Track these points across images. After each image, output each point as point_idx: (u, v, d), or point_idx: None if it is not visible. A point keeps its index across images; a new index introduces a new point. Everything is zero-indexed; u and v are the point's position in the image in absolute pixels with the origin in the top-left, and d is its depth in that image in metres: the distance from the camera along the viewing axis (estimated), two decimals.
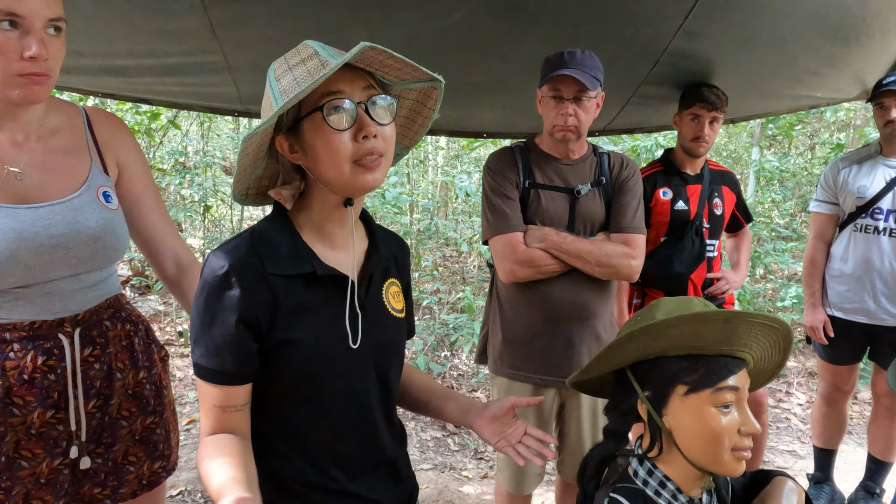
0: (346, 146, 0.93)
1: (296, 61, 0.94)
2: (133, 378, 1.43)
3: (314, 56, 0.92)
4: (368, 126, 0.93)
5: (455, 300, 5.77)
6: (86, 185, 1.32)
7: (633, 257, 1.88)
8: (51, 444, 1.30)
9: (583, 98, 1.84)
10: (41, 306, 1.28)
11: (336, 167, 0.94)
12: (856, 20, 2.02)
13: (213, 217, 7.34)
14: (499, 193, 1.91)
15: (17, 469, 1.27)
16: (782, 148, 9.69)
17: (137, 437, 1.44)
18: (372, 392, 1.07)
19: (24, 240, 1.21)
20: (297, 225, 1.03)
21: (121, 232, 1.37)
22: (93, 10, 1.76)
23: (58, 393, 1.29)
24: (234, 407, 0.97)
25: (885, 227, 2.51)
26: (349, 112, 0.92)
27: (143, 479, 1.46)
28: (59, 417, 1.30)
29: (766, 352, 1.09)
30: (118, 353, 1.40)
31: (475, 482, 3.16)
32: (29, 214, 1.23)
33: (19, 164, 1.25)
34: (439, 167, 8.81)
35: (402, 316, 1.15)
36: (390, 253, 1.15)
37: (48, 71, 1.18)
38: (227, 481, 0.85)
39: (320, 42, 0.96)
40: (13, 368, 1.25)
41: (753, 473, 1.21)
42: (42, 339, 1.28)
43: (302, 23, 1.90)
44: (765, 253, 6.25)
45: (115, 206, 1.37)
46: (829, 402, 2.79)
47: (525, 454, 1.16)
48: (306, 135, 0.95)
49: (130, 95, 2.60)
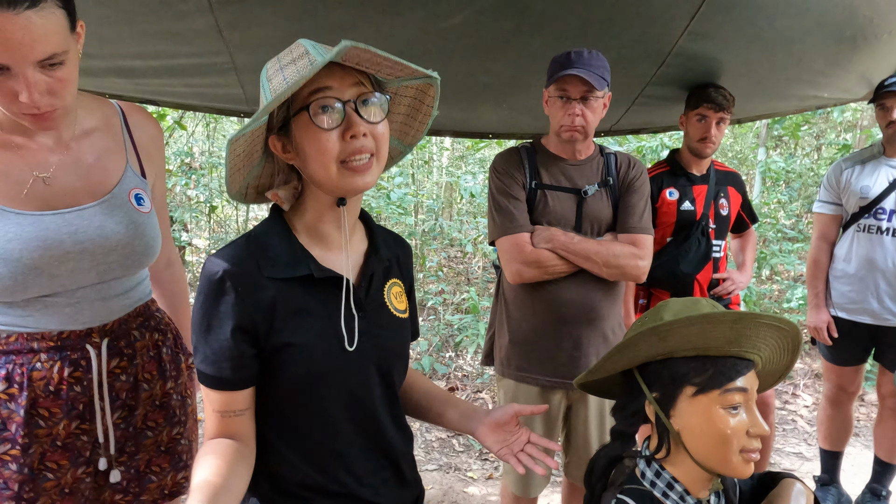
0: (334, 145, 0.92)
1: (287, 61, 0.93)
2: (161, 389, 1.41)
3: (304, 55, 0.91)
4: (357, 125, 0.92)
5: (460, 301, 5.77)
6: (118, 187, 1.29)
7: (641, 258, 1.88)
8: (75, 455, 1.29)
9: (590, 98, 1.83)
10: (69, 316, 1.26)
11: (323, 167, 0.93)
12: (863, 20, 2.02)
13: (218, 217, 7.37)
14: (505, 194, 1.91)
15: (42, 480, 1.25)
16: (788, 148, 9.65)
17: (163, 447, 1.42)
18: (375, 394, 1.06)
19: (47, 248, 1.18)
20: (294, 228, 1.03)
21: (152, 236, 1.33)
22: (101, 13, 1.77)
23: (83, 405, 1.28)
24: (233, 412, 0.97)
25: (889, 227, 2.51)
26: (337, 111, 0.91)
27: (166, 489, 1.44)
28: (83, 428, 1.29)
29: (775, 353, 1.08)
30: (145, 363, 1.38)
31: (480, 483, 3.16)
32: (55, 221, 1.20)
33: (49, 168, 1.22)
34: (444, 168, 8.81)
35: (406, 316, 1.14)
36: (391, 253, 1.14)
37: (50, 106, 1.13)
38: (198, 485, 0.86)
39: (312, 41, 0.95)
40: (40, 379, 1.23)
41: (761, 475, 1.21)
42: (69, 350, 1.26)
43: (308, 23, 1.91)
44: (771, 254, 6.23)
45: (148, 208, 1.33)
46: (834, 403, 2.78)
47: (527, 463, 1.13)
48: (296, 134, 0.94)
49: (137, 96, 2.61)
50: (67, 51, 1.10)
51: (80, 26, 1.15)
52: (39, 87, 1.09)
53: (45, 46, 1.06)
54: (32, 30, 1.03)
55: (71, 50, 1.11)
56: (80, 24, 1.15)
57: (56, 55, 1.08)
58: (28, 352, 1.23)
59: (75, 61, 1.15)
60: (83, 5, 1.72)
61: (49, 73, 1.09)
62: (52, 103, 1.13)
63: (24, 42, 1.02)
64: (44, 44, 1.05)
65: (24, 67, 1.05)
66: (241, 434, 0.98)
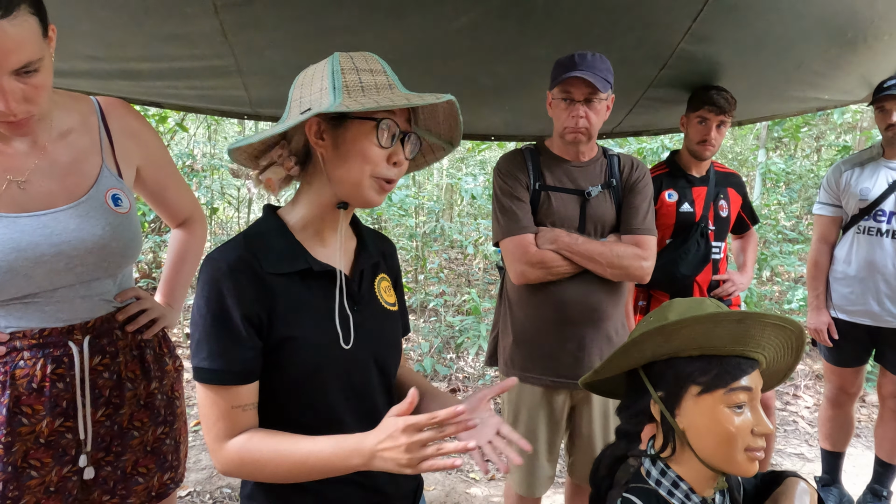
0: (379, 161, 1.00)
1: (363, 66, 1.00)
2: (145, 389, 1.41)
3: (382, 72, 1.01)
4: (401, 156, 1.02)
5: (461, 302, 5.78)
6: (94, 188, 1.28)
7: (645, 258, 1.88)
8: (60, 453, 1.29)
9: (593, 100, 1.85)
10: (50, 314, 1.26)
11: (360, 172, 0.99)
12: (864, 22, 2.03)
13: (219, 219, 7.37)
14: (509, 195, 1.92)
15: (26, 479, 1.25)
16: (788, 150, 9.67)
17: (149, 447, 1.43)
18: (374, 384, 1.09)
19: (22, 250, 1.18)
20: (288, 225, 1.06)
21: (129, 237, 1.33)
22: (106, 15, 1.78)
23: (66, 401, 1.28)
24: (241, 407, 0.98)
25: (888, 228, 2.52)
26: (394, 137, 1.00)
27: (153, 490, 1.44)
28: (67, 426, 1.29)
29: (779, 353, 1.09)
30: (128, 362, 1.38)
31: (483, 484, 3.17)
32: (30, 223, 1.20)
33: (25, 172, 1.22)
34: (445, 169, 8.82)
35: (395, 309, 1.18)
36: (377, 249, 1.19)
37: (27, 113, 1.13)
38: (333, 445, 0.93)
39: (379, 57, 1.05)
40: (23, 377, 1.23)
41: (765, 475, 1.22)
42: (52, 347, 1.26)
43: (312, 26, 1.92)
44: (771, 255, 6.24)
45: (126, 208, 1.32)
46: (835, 404, 2.79)
47: (490, 455, 1.01)
48: (348, 133, 0.98)
49: (141, 98, 2.62)
50: (42, 58, 1.10)
51: (51, 30, 1.15)
52: (15, 95, 1.09)
53: (20, 56, 1.05)
54: (6, 39, 1.02)
55: (45, 56, 1.11)
56: (52, 29, 1.15)
57: (31, 63, 1.08)
58: (10, 350, 1.23)
59: (49, 66, 1.14)
60: (89, 9, 1.74)
61: (24, 81, 1.09)
62: (29, 110, 1.13)
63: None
64: (18, 53, 1.05)
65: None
66: (251, 430, 0.99)
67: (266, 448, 0.95)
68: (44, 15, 1.10)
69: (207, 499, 2.91)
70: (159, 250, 6.09)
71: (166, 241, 6.00)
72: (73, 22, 1.77)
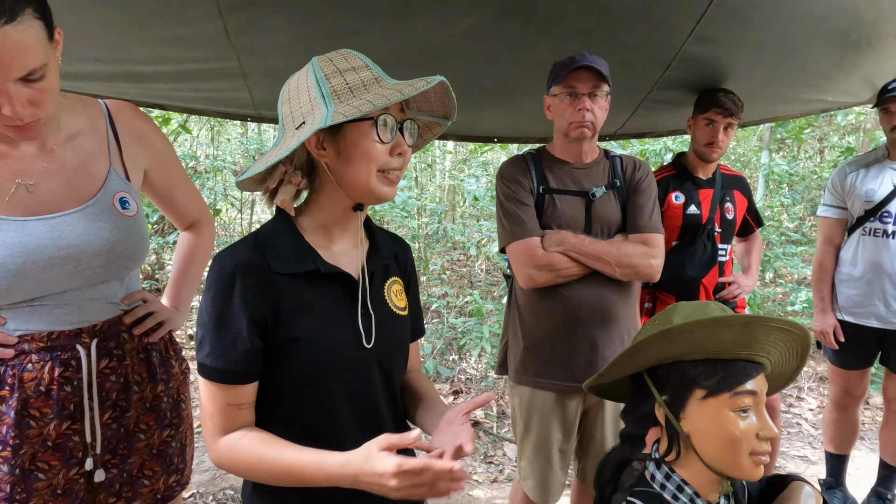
0: (383, 156, 1.00)
1: (345, 66, 0.99)
2: (151, 391, 1.42)
3: (365, 68, 0.99)
4: (402, 145, 1.02)
5: (463, 304, 5.78)
6: (101, 191, 1.28)
7: (654, 256, 1.86)
8: (67, 456, 1.29)
9: (597, 94, 1.85)
10: (58, 317, 1.26)
11: (367, 172, 1.00)
12: (867, 24, 2.02)
13: (222, 221, 7.38)
14: (513, 200, 1.91)
15: (34, 481, 1.25)
16: (791, 151, 9.65)
17: (155, 450, 1.43)
18: (377, 389, 1.09)
19: (30, 253, 1.18)
20: (300, 227, 1.06)
21: (137, 240, 1.33)
22: (110, 17, 1.79)
23: (73, 405, 1.28)
24: (238, 405, 0.99)
25: (894, 230, 2.51)
26: (392, 129, 1.00)
27: (158, 493, 1.44)
28: (74, 429, 1.29)
29: (784, 356, 1.09)
30: (135, 365, 1.38)
31: (485, 486, 3.16)
32: (38, 227, 1.20)
33: (34, 175, 1.22)
34: (447, 171, 8.83)
35: (405, 314, 1.18)
36: (390, 252, 1.18)
37: (33, 117, 1.13)
38: (320, 460, 0.93)
39: (361, 53, 1.03)
40: (31, 380, 1.23)
41: (769, 478, 1.21)
42: (60, 350, 1.26)
43: (316, 29, 1.92)
44: (774, 257, 6.23)
45: (133, 212, 1.32)
46: (840, 407, 2.78)
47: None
48: (347, 137, 0.98)
49: (145, 101, 2.62)
50: (47, 63, 1.09)
51: (57, 34, 1.14)
52: (21, 99, 1.09)
53: (26, 62, 1.04)
54: (11, 45, 1.01)
55: (51, 61, 1.10)
56: (58, 32, 1.14)
57: (37, 69, 1.07)
58: (19, 353, 1.23)
59: (55, 70, 1.14)
60: (94, 11, 1.75)
61: (31, 86, 1.09)
62: (35, 114, 1.13)
63: (2, 59, 1.02)
64: (24, 59, 1.04)
65: (4, 82, 1.05)
66: (245, 427, 1.01)
67: (252, 453, 0.96)
68: (49, 19, 1.10)
69: (210, 500, 2.92)
70: (162, 252, 6.11)
71: (169, 243, 6.02)
72: (77, 25, 1.78)
